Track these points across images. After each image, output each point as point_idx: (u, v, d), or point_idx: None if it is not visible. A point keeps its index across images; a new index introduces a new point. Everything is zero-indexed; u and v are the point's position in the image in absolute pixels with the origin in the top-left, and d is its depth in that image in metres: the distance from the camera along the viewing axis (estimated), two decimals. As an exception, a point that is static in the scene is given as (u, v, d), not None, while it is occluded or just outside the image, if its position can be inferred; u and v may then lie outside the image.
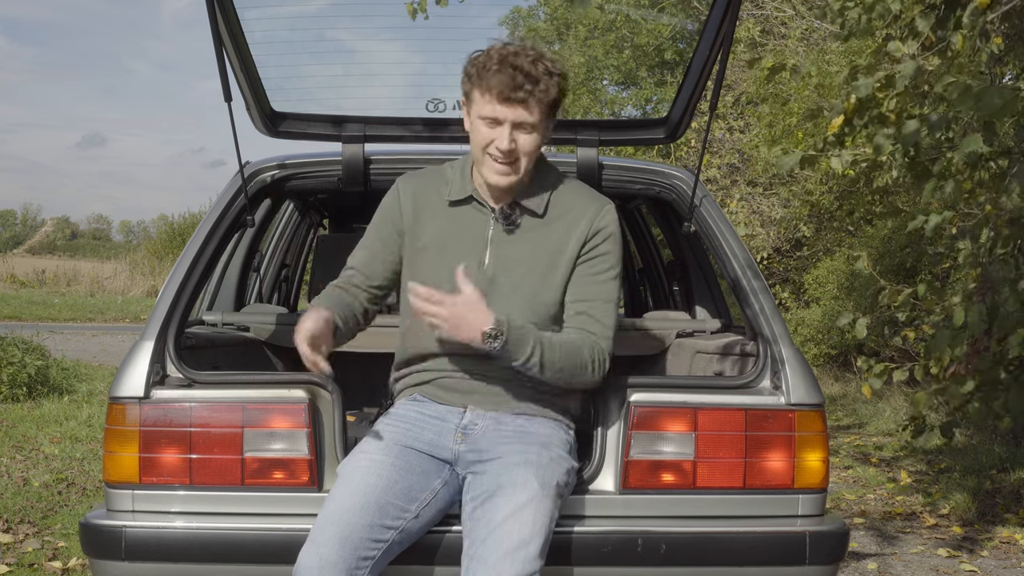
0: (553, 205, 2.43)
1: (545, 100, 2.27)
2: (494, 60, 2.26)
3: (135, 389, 2.46)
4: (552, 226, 2.41)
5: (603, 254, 2.41)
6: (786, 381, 2.52)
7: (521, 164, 2.32)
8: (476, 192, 2.42)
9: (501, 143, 2.28)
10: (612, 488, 2.48)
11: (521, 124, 2.27)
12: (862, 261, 4.73)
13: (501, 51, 2.28)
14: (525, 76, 2.24)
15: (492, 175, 2.33)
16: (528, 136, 2.29)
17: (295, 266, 5.28)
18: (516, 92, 2.24)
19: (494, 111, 2.27)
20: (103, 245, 56.83)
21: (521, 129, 2.28)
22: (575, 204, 2.43)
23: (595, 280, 2.40)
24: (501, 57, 2.26)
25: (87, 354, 12.19)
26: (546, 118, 2.31)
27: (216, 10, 2.57)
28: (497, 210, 2.40)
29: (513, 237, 2.41)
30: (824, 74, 8.94)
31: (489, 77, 2.26)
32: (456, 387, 2.41)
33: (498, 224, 2.41)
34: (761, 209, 12.19)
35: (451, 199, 2.43)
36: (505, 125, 2.27)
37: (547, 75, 2.27)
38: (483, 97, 2.28)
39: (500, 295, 2.37)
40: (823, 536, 2.48)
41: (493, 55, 2.28)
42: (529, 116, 2.27)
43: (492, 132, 2.29)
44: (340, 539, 2.16)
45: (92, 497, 5.19)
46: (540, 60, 2.27)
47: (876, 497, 5.94)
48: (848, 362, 10.87)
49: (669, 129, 3.12)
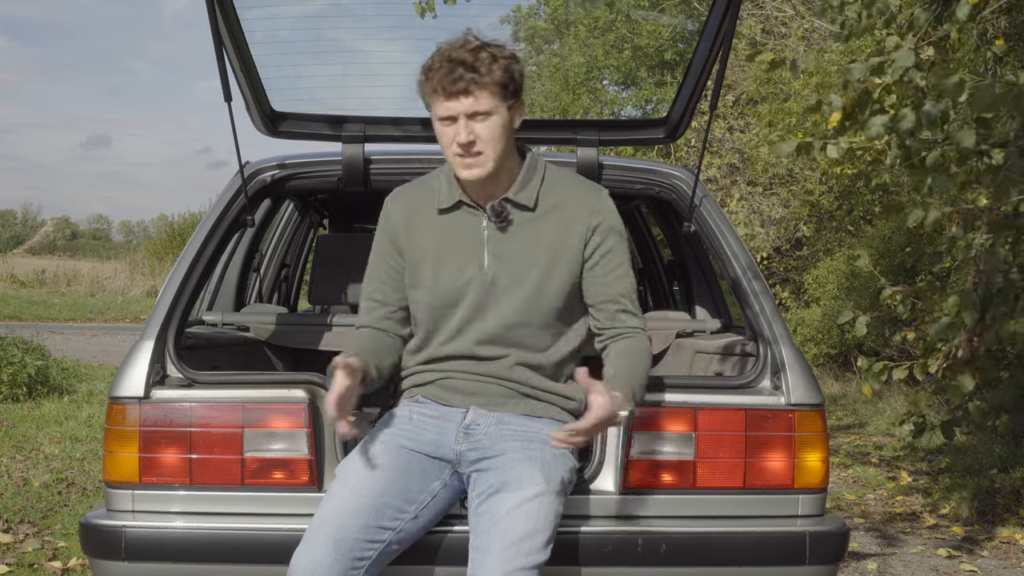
0: (544, 197, 2.41)
1: (491, 84, 2.25)
2: (436, 60, 2.28)
3: (135, 389, 2.46)
4: (546, 219, 2.40)
5: (611, 248, 2.40)
6: (786, 381, 2.52)
7: (487, 154, 2.30)
8: (464, 196, 2.42)
9: (459, 136, 2.27)
10: (612, 488, 2.48)
11: (473, 114, 2.27)
12: (863, 260, 4.74)
13: (443, 49, 2.29)
14: (464, 66, 2.24)
15: (462, 171, 2.32)
16: (484, 124, 2.28)
17: (295, 266, 5.28)
18: (457, 84, 2.24)
19: (444, 108, 2.27)
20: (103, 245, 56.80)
21: (475, 119, 2.27)
22: (568, 196, 2.42)
23: (616, 276, 2.40)
24: (442, 55, 2.28)
25: (87, 354, 12.19)
26: (502, 103, 2.29)
27: (216, 10, 2.57)
28: (488, 209, 2.40)
29: (508, 235, 2.40)
30: (824, 73, 8.94)
31: (432, 77, 2.27)
32: (459, 388, 2.41)
33: (491, 223, 2.40)
34: (761, 209, 12.19)
35: (440, 207, 2.43)
36: (459, 119, 2.27)
37: (490, 59, 2.26)
38: (433, 98, 2.29)
39: (503, 294, 2.37)
40: (823, 536, 2.48)
41: (436, 56, 2.29)
42: (477, 104, 2.25)
43: (450, 130, 2.30)
44: (334, 541, 2.16)
45: (92, 497, 5.19)
46: (482, 48, 2.27)
47: (876, 497, 5.94)
48: (848, 362, 10.87)
49: (669, 129, 3.11)
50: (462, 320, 2.39)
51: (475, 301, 2.38)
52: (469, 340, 2.39)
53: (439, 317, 2.41)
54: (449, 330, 2.40)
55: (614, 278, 2.40)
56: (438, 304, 2.40)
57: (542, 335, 2.40)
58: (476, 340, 2.38)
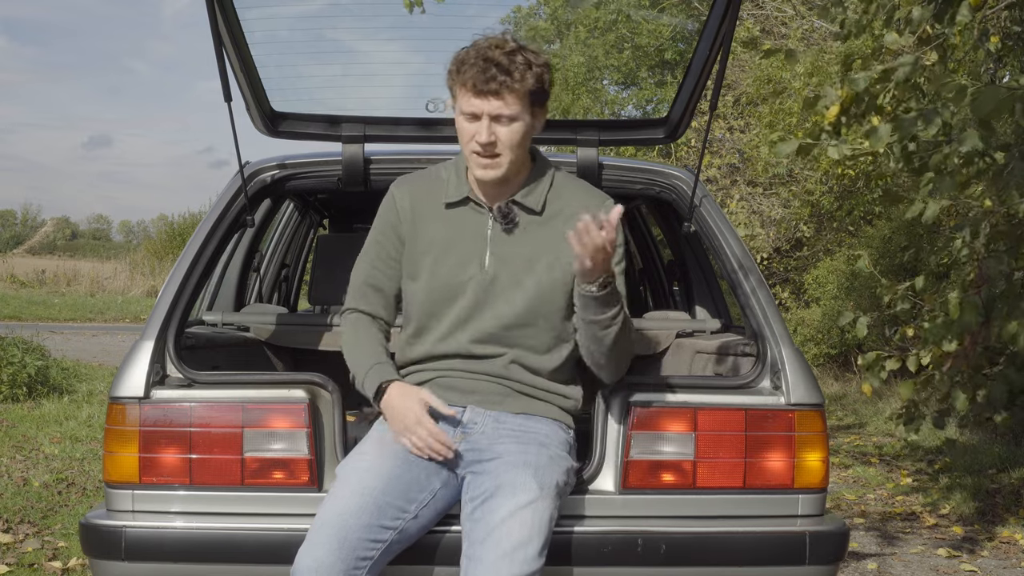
0: (551, 202, 2.42)
1: (521, 91, 2.25)
2: (471, 55, 2.27)
3: (135, 389, 2.46)
4: (551, 223, 2.41)
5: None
6: (786, 381, 2.52)
7: (505, 157, 2.30)
8: (472, 192, 2.41)
9: (480, 136, 2.27)
10: (612, 488, 2.48)
11: (498, 116, 2.26)
12: (863, 260, 4.73)
13: (480, 45, 2.28)
14: (498, 68, 2.23)
15: (477, 170, 2.33)
16: (507, 128, 2.28)
17: (295, 266, 5.28)
18: (489, 84, 2.23)
19: (471, 105, 2.27)
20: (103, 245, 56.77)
21: (499, 122, 2.27)
22: (572, 202, 2.42)
23: None
24: (478, 51, 2.27)
25: (87, 354, 12.19)
26: (527, 110, 2.29)
27: (216, 10, 2.57)
28: (495, 209, 2.40)
29: (512, 236, 2.40)
30: (823, 74, 8.94)
31: (465, 71, 2.26)
32: (456, 386, 2.41)
33: (497, 224, 2.40)
34: (761, 209, 12.20)
35: (448, 201, 2.43)
36: (483, 118, 2.27)
37: (525, 66, 2.25)
38: (461, 92, 2.28)
39: (502, 294, 2.37)
40: (823, 536, 2.48)
41: (472, 50, 2.28)
42: (505, 108, 2.25)
43: (472, 126, 2.29)
44: (337, 540, 2.16)
45: (92, 497, 5.19)
46: (519, 52, 2.26)
47: (876, 497, 5.94)
48: (848, 362, 10.87)
49: (669, 129, 3.11)
50: (458, 317, 2.39)
51: (473, 299, 2.38)
52: (465, 338, 2.39)
53: (434, 312, 2.41)
54: (444, 327, 2.40)
55: None
56: (435, 298, 2.40)
57: (542, 338, 2.40)
58: (472, 339, 2.39)
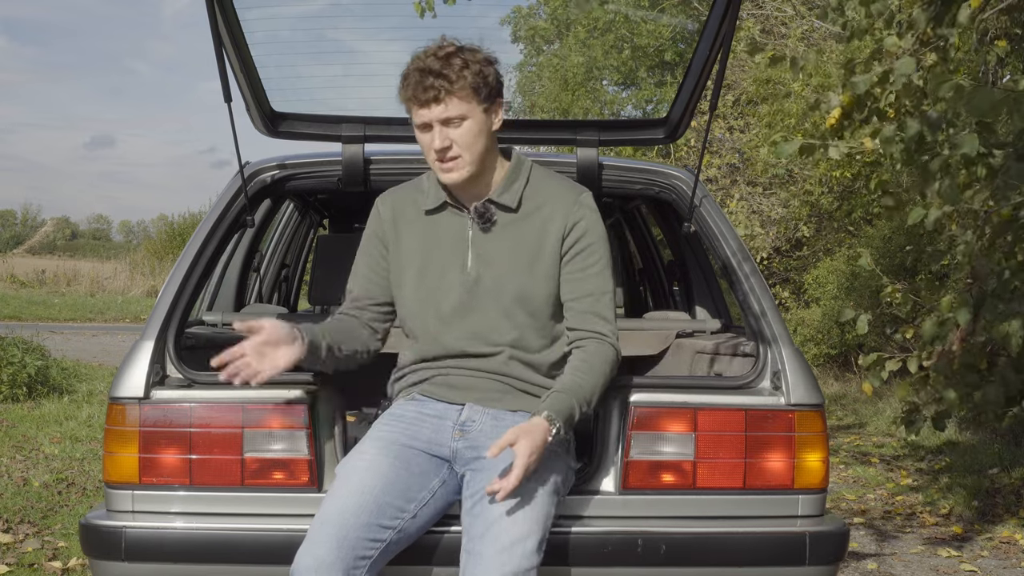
0: (527, 198, 2.43)
1: (462, 91, 2.28)
2: (410, 68, 2.31)
3: (135, 389, 2.46)
4: (528, 220, 2.42)
5: (587, 247, 2.40)
6: (786, 381, 2.52)
7: (464, 158, 2.33)
8: (450, 197, 2.44)
9: (435, 143, 2.31)
10: (612, 488, 2.48)
11: (447, 120, 2.30)
12: (864, 258, 4.72)
13: (417, 56, 2.32)
14: (433, 74, 2.27)
15: (442, 175, 2.36)
16: (459, 130, 2.31)
17: (295, 266, 5.28)
18: (427, 92, 2.27)
19: (419, 116, 2.31)
20: (103, 245, 56.76)
21: (450, 125, 2.30)
22: (549, 196, 2.43)
23: (588, 275, 2.40)
24: (415, 63, 2.31)
25: (87, 354, 12.19)
26: (477, 107, 2.31)
27: (216, 10, 2.57)
28: (472, 210, 2.42)
29: (491, 235, 2.42)
30: (824, 75, 8.95)
31: (407, 87, 2.31)
32: (454, 384, 2.42)
33: (475, 224, 2.42)
34: (761, 209, 12.19)
35: (427, 208, 2.46)
36: (434, 126, 2.31)
37: (461, 65, 2.28)
38: (409, 107, 2.33)
39: (486, 294, 2.39)
40: (823, 536, 2.48)
41: (409, 65, 2.32)
42: (448, 110, 2.28)
43: (427, 136, 2.33)
44: (337, 540, 2.16)
45: (92, 497, 5.20)
46: (455, 54, 2.29)
47: (876, 497, 5.94)
48: (848, 362, 10.87)
49: (669, 129, 3.11)
50: (448, 319, 2.40)
51: (460, 300, 2.40)
52: (459, 338, 2.40)
53: (424, 317, 2.43)
54: (437, 329, 2.42)
55: (586, 276, 2.39)
56: (423, 303, 2.42)
57: (534, 336, 2.40)
58: (465, 338, 2.40)
